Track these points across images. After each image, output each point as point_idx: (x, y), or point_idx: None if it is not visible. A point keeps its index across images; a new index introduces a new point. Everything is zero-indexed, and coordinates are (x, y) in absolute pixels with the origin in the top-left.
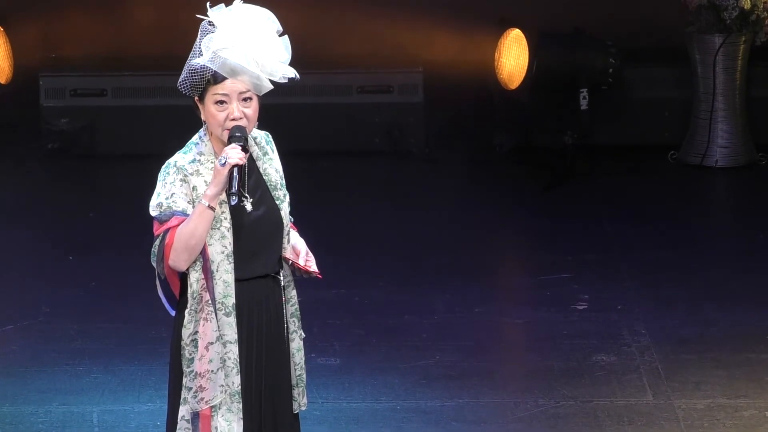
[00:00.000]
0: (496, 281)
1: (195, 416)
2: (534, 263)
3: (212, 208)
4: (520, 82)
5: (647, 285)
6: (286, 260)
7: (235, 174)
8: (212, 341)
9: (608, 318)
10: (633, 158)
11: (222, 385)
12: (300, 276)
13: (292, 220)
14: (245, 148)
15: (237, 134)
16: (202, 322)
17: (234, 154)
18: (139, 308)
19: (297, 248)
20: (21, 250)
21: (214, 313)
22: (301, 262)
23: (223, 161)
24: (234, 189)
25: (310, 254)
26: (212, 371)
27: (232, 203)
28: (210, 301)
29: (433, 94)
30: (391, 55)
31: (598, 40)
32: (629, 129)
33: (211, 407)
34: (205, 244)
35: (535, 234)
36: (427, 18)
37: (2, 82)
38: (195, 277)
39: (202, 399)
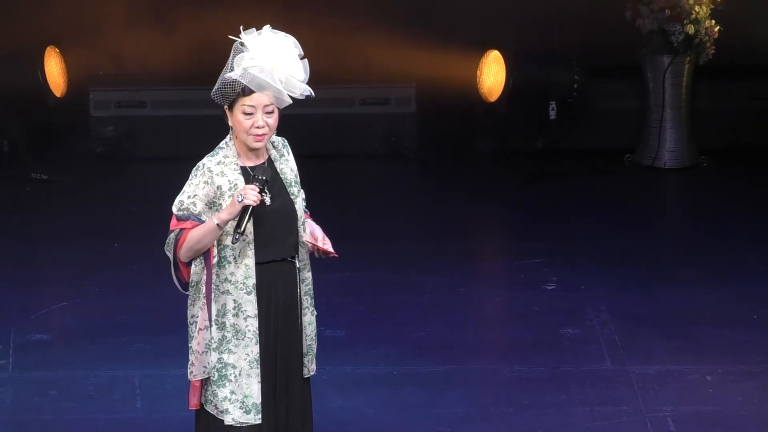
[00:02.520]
0: (478, 265)
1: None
2: (510, 250)
3: (220, 227)
4: (498, 95)
5: (607, 269)
6: (305, 244)
7: (249, 212)
8: (202, 327)
9: (573, 297)
10: (595, 160)
11: (207, 365)
12: (319, 256)
13: (307, 211)
14: (262, 190)
15: (260, 177)
16: (198, 311)
17: (251, 195)
18: (173, 288)
19: (315, 234)
20: (74, 238)
21: (207, 305)
22: (319, 244)
23: (240, 199)
24: (241, 229)
25: (327, 238)
26: (200, 352)
27: (233, 242)
28: (206, 293)
29: (424, 106)
30: (388, 73)
31: (565, 60)
32: (591, 135)
33: (200, 381)
34: (211, 246)
35: (511, 225)
36: (420, 41)
37: (58, 96)
38: (195, 270)
39: (191, 372)
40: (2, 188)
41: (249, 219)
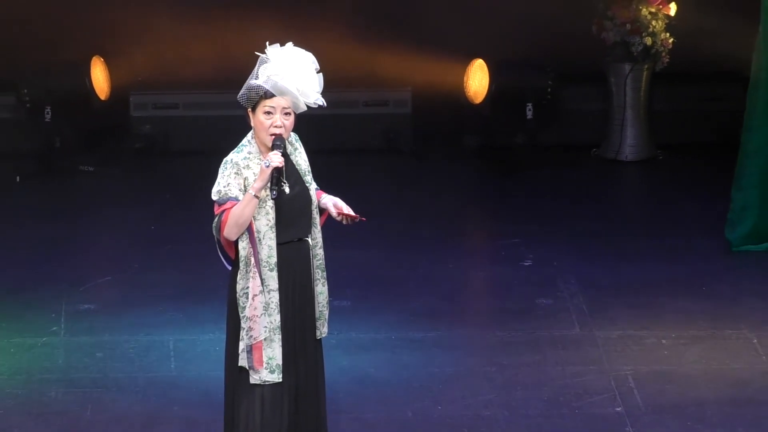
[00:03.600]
0: (465, 244)
1: (250, 348)
2: (493, 231)
3: (257, 197)
4: (482, 98)
5: (576, 247)
6: (318, 225)
7: (275, 174)
8: (257, 293)
9: (547, 272)
10: (566, 154)
11: (266, 325)
12: (347, 223)
13: (317, 188)
14: (284, 154)
15: (278, 143)
16: (250, 280)
17: (276, 159)
18: (201, 264)
19: (338, 204)
20: (116, 222)
21: (258, 272)
22: (345, 211)
23: (267, 164)
24: (274, 186)
25: (348, 207)
26: (257, 316)
27: (273, 197)
28: (255, 264)
29: (418, 107)
30: (387, 78)
31: (540, 67)
32: (563, 132)
33: (261, 341)
34: (251, 220)
35: (494, 210)
36: (415, 51)
37: (103, 99)
38: (242, 246)
39: (251, 336)
40: (55, 178)
41: (280, 176)
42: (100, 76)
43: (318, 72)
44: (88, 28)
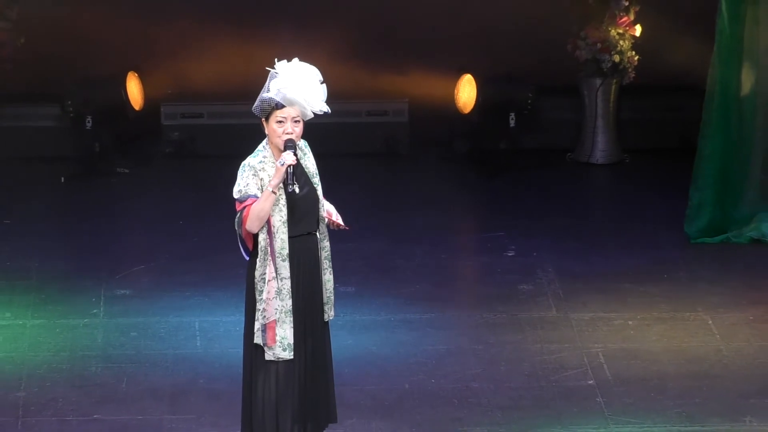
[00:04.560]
0: (455, 237)
1: (264, 327)
2: (480, 225)
3: (274, 193)
4: (471, 108)
5: (554, 240)
6: (325, 219)
7: (290, 171)
8: (271, 279)
9: (528, 261)
10: (544, 157)
11: (277, 308)
12: (334, 228)
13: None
14: (295, 153)
15: (290, 144)
16: (267, 268)
17: (289, 158)
18: (225, 254)
19: (330, 211)
20: (148, 217)
21: (272, 261)
22: (333, 218)
23: (281, 162)
24: (290, 182)
25: (339, 215)
26: (271, 299)
27: (289, 191)
28: (271, 253)
29: (414, 116)
30: (387, 91)
31: (521, 80)
32: (542, 138)
33: (274, 320)
34: (269, 215)
35: (481, 207)
36: (411, 67)
37: (137, 109)
38: (262, 237)
39: (265, 316)
40: (95, 179)
41: (294, 173)
42: (134, 89)
43: (322, 83)
44: (125, 47)
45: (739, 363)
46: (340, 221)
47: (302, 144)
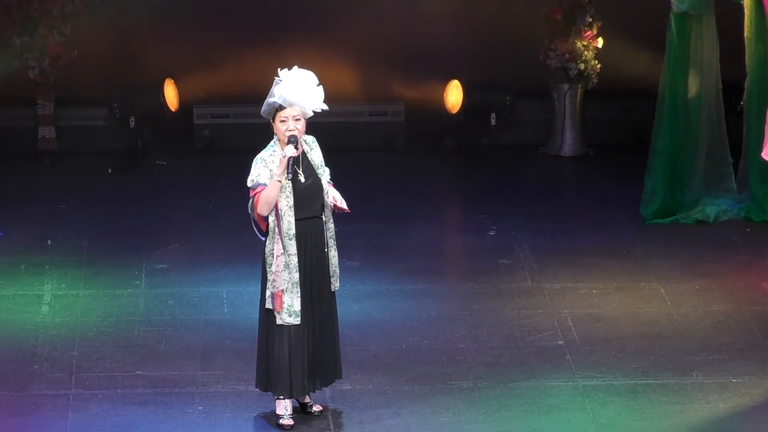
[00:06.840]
0: (445, 220)
1: (273, 295)
2: (465, 210)
3: (279, 181)
4: (458, 109)
5: (529, 221)
6: (329, 205)
7: (290, 162)
8: (279, 254)
9: (507, 240)
10: (519, 151)
11: (285, 279)
12: (338, 212)
13: (331, 182)
14: (296, 147)
15: (292, 139)
16: (276, 245)
17: (290, 151)
18: (248, 236)
19: (335, 197)
20: (183, 203)
21: (280, 239)
22: (338, 203)
23: (284, 155)
24: (289, 171)
25: (343, 200)
26: (279, 271)
27: (289, 179)
28: (279, 232)
29: (410, 116)
30: (386, 94)
31: (500, 86)
32: (518, 135)
33: (280, 290)
34: (277, 200)
35: (466, 195)
36: (407, 74)
37: (173, 111)
38: (271, 219)
39: (274, 286)
40: (137, 171)
41: (293, 166)
42: (171, 94)
43: (318, 85)
44: (163, 58)
45: (686, 326)
46: (344, 205)
47: (310, 140)
